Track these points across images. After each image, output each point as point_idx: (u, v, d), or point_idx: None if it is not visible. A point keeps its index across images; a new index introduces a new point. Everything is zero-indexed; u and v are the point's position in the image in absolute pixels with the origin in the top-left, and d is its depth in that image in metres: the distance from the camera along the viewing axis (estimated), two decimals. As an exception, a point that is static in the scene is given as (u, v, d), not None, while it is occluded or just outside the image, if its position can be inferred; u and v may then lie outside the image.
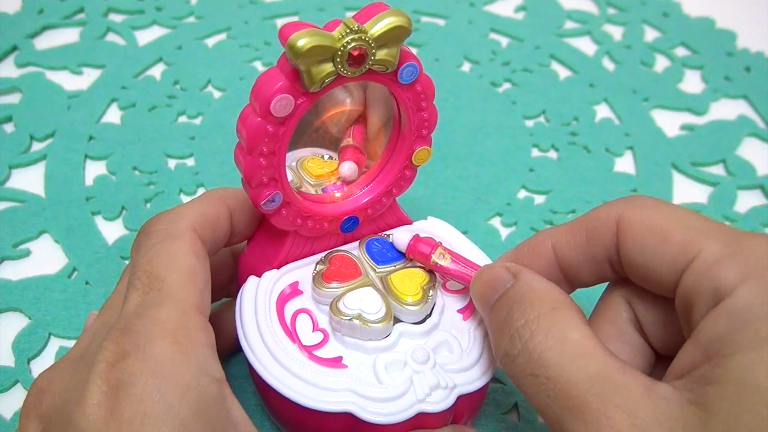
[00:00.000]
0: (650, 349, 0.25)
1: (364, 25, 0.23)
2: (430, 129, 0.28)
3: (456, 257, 0.29)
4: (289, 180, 0.27)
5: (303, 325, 0.27)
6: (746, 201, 0.42)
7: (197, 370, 0.22)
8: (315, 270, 0.28)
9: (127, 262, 0.36)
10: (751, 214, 0.41)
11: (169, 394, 0.21)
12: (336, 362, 0.26)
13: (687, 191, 0.42)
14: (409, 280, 0.28)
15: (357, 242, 0.30)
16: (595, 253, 0.25)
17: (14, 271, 0.36)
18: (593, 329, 0.23)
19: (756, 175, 0.43)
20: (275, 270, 0.28)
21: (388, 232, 0.31)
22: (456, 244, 0.31)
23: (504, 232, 0.39)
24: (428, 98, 0.27)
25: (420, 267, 0.29)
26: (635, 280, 0.25)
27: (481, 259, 0.30)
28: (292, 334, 0.27)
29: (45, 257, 0.37)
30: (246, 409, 0.24)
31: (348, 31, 0.23)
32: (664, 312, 0.24)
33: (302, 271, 0.29)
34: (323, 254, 0.29)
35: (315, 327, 0.27)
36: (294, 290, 0.28)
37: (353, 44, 0.23)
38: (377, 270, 0.29)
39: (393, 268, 0.29)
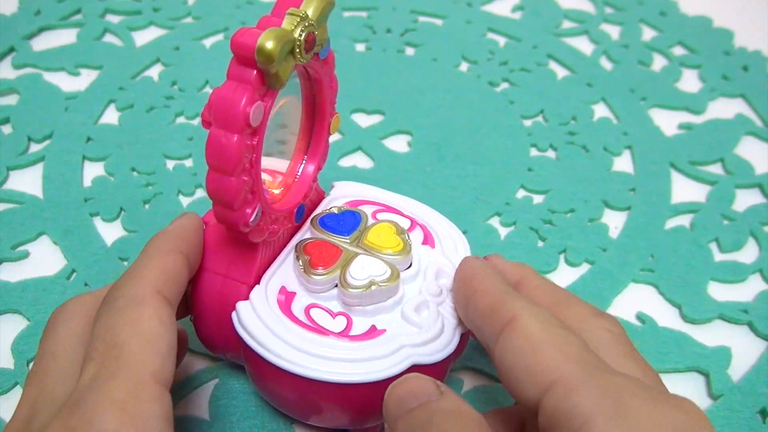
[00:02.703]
0: None
1: (300, 9, 0.24)
2: (335, 96, 0.29)
3: None
4: None
5: (321, 318, 0.27)
6: (745, 200, 0.42)
7: None
8: (300, 265, 0.28)
9: (125, 263, 0.36)
10: (749, 213, 0.41)
11: None
12: (374, 332, 0.27)
13: (685, 190, 0.42)
14: (383, 234, 0.29)
15: (308, 227, 0.30)
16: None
17: (13, 273, 0.36)
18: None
19: (754, 174, 0.43)
20: (257, 285, 0.28)
21: (331, 206, 0.31)
22: (378, 197, 0.32)
23: (503, 232, 0.39)
24: (333, 68, 0.28)
25: (384, 220, 0.30)
26: (506, 387, 0.24)
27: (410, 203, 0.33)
28: (320, 329, 0.26)
29: (44, 259, 0.37)
30: (246, 410, 0.23)
31: (298, 20, 0.23)
32: None
33: (279, 274, 0.28)
34: (288, 251, 0.29)
35: (333, 315, 0.27)
36: (287, 294, 0.28)
37: (306, 31, 0.24)
38: (349, 240, 0.29)
39: (359, 232, 0.29)
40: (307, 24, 0.24)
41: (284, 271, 0.28)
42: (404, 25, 0.52)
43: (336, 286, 0.28)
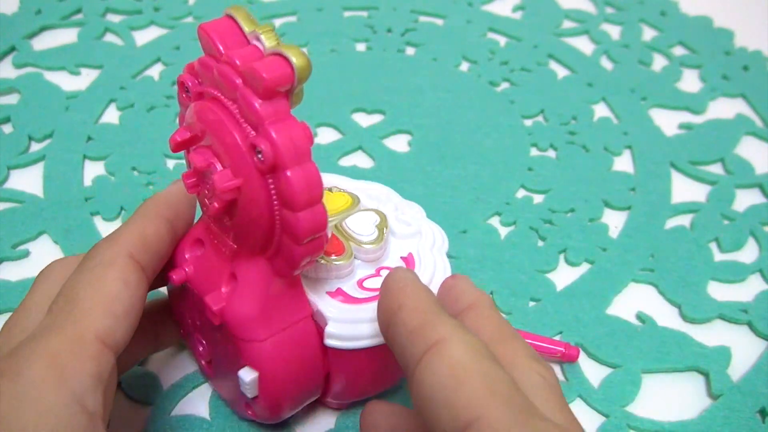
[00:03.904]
0: None
1: (256, 27, 0.23)
2: None
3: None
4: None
5: (378, 283, 0.27)
6: (745, 199, 0.42)
7: (68, 397, 0.21)
8: (324, 264, 0.27)
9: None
10: (749, 213, 0.41)
11: (26, 415, 0.20)
12: (410, 259, 0.29)
13: (685, 190, 0.42)
14: (329, 201, 0.30)
15: None
16: None
17: (13, 272, 0.36)
18: None
19: (754, 174, 0.43)
20: (320, 306, 0.27)
21: None
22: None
23: (503, 232, 0.39)
24: None
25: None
26: (421, 415, 0.21)
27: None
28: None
29: (44, 258, 0.37)
30: None
31: (272, 33, 0.23)
32: None
33: (313, 287, 0.27)
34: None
35: (377, 274, 0.28)
36: (337, 292, 0.27)
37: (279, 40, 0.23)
38: None
39: None
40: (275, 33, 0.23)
41: (309, 281, 0.27)
42: (405, 25, 0.52)
43: (354, 257, 0.28)
